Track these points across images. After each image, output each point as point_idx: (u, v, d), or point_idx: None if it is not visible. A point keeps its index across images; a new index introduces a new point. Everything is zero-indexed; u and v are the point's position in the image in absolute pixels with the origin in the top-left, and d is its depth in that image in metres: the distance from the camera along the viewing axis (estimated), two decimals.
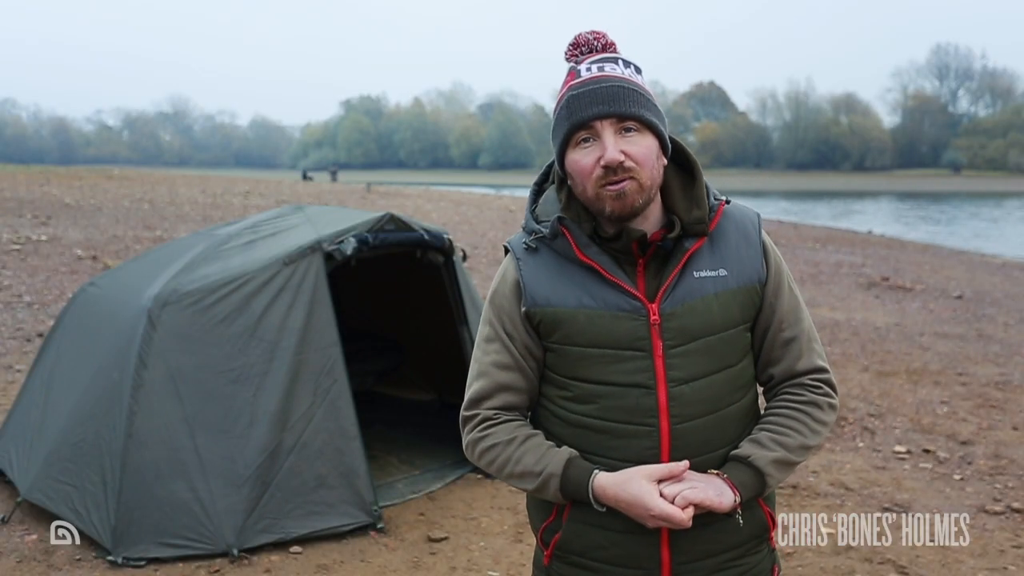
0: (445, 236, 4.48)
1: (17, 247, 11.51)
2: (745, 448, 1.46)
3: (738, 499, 1.41)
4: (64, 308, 4.52)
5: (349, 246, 3.95)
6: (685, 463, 1.40)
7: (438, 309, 4.87)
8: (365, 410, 4.24)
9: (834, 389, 1.55)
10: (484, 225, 19.44)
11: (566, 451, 1.47)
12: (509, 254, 1.56)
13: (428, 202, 26.49)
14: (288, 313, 3.77)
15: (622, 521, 1.46)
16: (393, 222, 4.20)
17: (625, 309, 1.45)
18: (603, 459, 1.46)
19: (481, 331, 1.58)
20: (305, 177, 48.88)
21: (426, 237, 4.32)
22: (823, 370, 1.54)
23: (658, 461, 1.43)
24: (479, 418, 1.54)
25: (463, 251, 4.76)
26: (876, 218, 32.62)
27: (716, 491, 1.39)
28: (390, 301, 5.85)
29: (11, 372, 6.14)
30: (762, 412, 1.57)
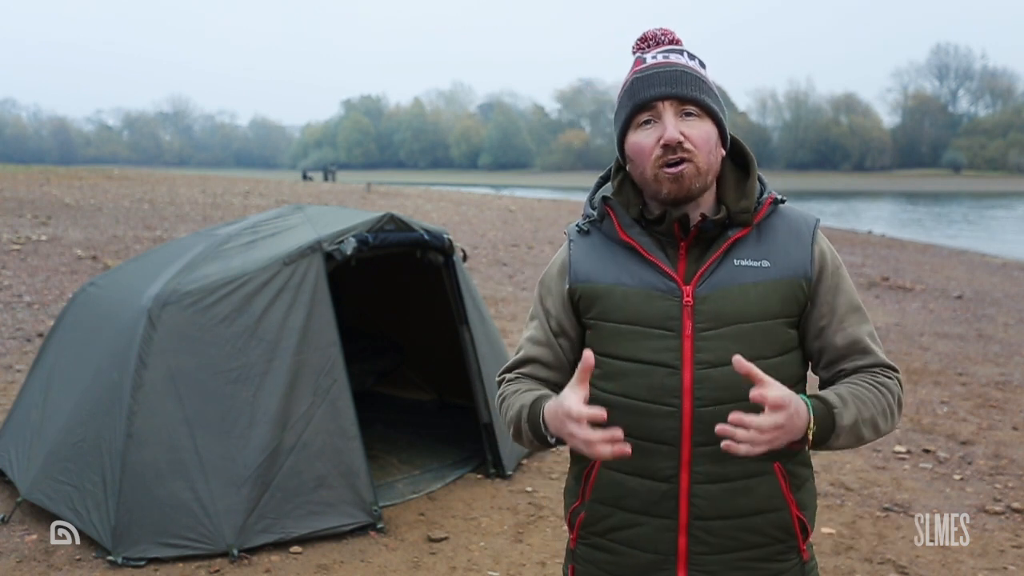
0: (445, 236, 4.47)
1: (17, 247, 11.51)
2: (832, 397, 1.41)
3: (812, 423, 1.34)
4: (64, 308, 4.52)
5: (349, 246, 3.95)
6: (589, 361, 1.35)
7: (438, 309, 4.87)
8: (365, 410, 4.24)
9: (903, 388, 1.51)
10: (484, 225, 19.44)
11: (545, 390, 1.53)
12: (566, 240, 1.63)
13: (428, 202, 26.48)
14: (288, 313, 3.77)
15: (640, 502, 1.48)
16: (393, 222, 4.20)
17: (660, 289, 1.47)
18: (627, 438, 1.43)
19: (530, 310, 1.67)
20: (305, 177, 48.93)
21: (426, 237, 4.32)
22: (896, 369, 1.52)
23: (679, 443, 1.44)
24: (505, 380, 1.63)
25: (463, 251, 4.76)
26: (876, 218, 32.65)
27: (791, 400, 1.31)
28: (390, 301, 5.84)
29: (11, 372, 6.14)
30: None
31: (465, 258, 4.79)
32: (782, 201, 1.54)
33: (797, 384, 1.52)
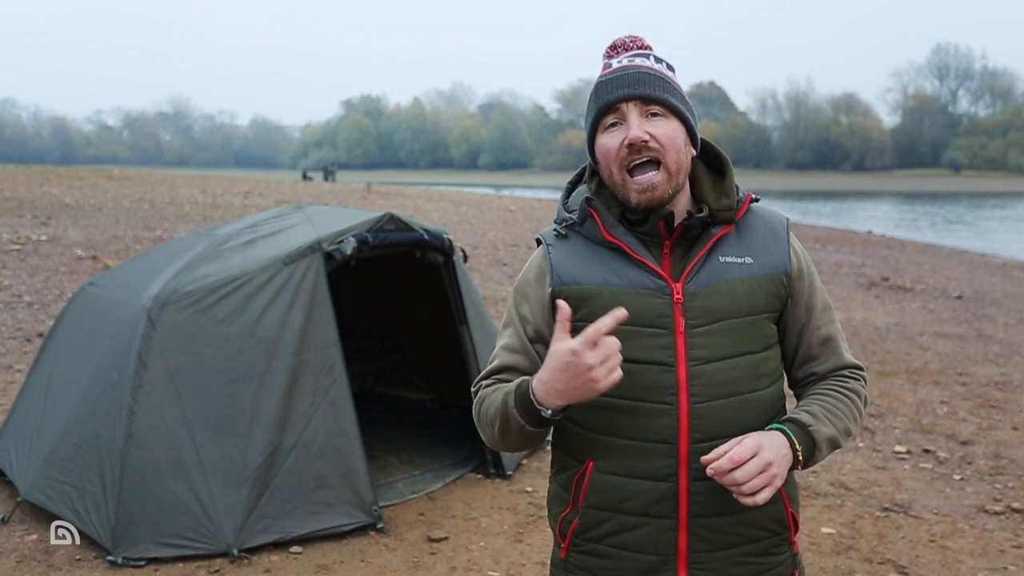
0: (445, 236, 4.47)
1: (17, 247, 11.51)
2: (803, 416, 1.46)
3: (796, 443, 1.41)
4: (64, 308, 4.52)
5: (349, 246, 3.95)
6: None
7: (438, 309, 4.87)
8: (365, 410, 4.24)
9: (867, 384, 1.60)
10: (484, 225, 19.45)
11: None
12: (540, 245, 1.61)
13: (428, 202, 26.50)
14: (288, 313, 3.77)
15: (639, 504, 1.47)
16: (393, 222, 4.20)
17: (649, 287, 1.47)
18: (622, 439, 1.47)
19: (503, 319, 1.64)
20: (305, 177, 48.99)
21: (426, 237, 4.32)
22: (861, 367, 1.61)
23: (677, 441, 1.44)
24: (482, 387, 1.59)
25: (463, 251, 4.76)
26: (876, 218, 32.68)
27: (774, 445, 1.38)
28: (390, 301, 5.85)
29: (11, 372, 6.14)
30: (803, 398, 1.59)
31: (465, 258, 4.79)
32: (756, 200, 1.58)
33: (779, 380, 1.55)
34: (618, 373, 1.31)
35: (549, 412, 1.38)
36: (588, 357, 1.28)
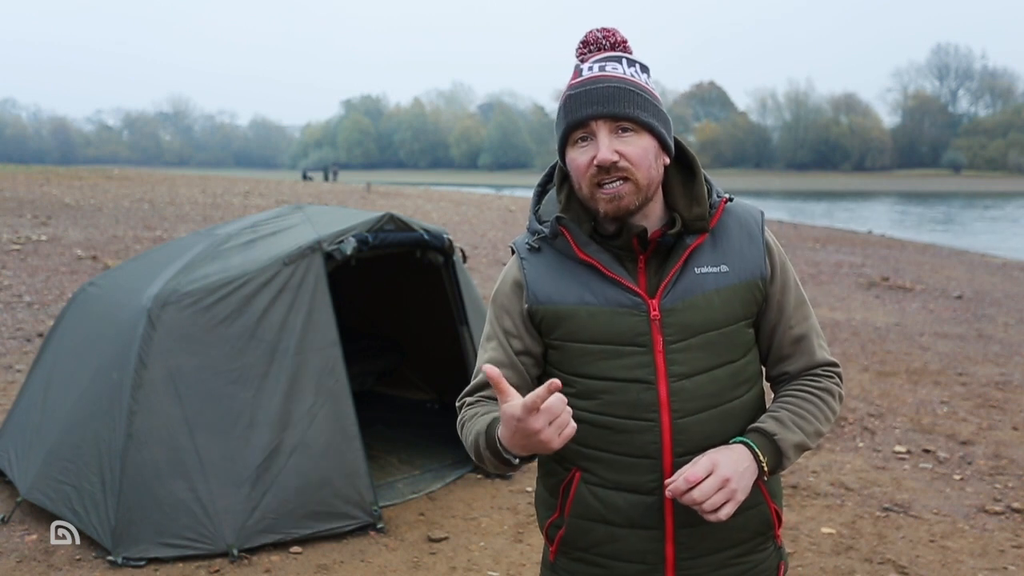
0: (445, 236, 4.47)
1: (17, 247, 11.52)
2: (769, 425, 1.46)
3: (761, 455, 1.42)
4: (64, 308, 4.52)
5: (349, 246, 3.95)
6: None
7: (438, 309, 4.87)
8: (365, 410, 4.24)
9: (842, 381, 1.59)
10: (484, 225, 19.45)
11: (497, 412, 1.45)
12: (514, 255, 1.58)
13: (428, 202, 26.51)
14: (288, 313, 3.77)
15: (625, 516, 1.48)
16: (393, 222, 4.20)
17: (625, 305, 1.46)
18: (606, 454, 1.47)
19: (484, 330, 1.62)
20: (305, 177, 49.05)
21: (426, 237, 4.32)
22: (835, 364, 1.59)
23: (660, 456, 1.44)
24: (465, 404, 1.58)
25: (463, 251, 4.76)
26: (876, 218, 32.68)
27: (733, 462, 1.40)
28: (390, 301, 5.85)
29: (11, 372, 6.14)
30: (774, 400, 1.58)
31: (465, 259, 4.79)
32: (730, 199, 1.54)
33: (758, 382, 1.56)
34: (571, 429, 1.28)
35: (517, 461, 1.38)
36: (532, 423, 1.24)
